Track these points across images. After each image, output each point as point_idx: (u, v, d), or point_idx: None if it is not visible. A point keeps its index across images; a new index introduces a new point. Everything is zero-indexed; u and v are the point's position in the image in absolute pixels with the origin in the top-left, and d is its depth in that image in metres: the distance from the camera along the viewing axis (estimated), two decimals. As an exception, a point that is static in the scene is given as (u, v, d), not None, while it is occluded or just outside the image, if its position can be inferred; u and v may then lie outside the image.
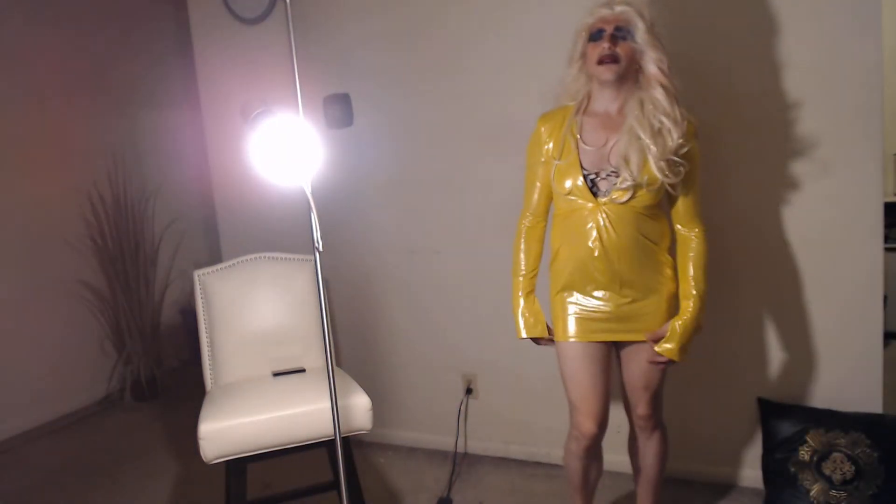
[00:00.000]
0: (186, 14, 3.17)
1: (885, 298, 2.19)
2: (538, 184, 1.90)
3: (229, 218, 3.25)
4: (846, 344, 2.21)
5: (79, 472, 2.98)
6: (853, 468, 2.03)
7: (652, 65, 1.72)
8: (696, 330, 1.82)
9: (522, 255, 1.95)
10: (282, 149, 1.54)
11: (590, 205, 1.76)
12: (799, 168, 2.19)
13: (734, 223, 2.29)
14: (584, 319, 1.83)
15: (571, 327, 1.84)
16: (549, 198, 1.92)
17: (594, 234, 1.76)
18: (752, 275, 2.30)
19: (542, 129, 1.88)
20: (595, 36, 1.74)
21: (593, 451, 1.92)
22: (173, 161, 4.34)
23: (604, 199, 1.75)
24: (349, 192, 2.87)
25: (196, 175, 4.23)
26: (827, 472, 2.06)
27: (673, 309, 1.84)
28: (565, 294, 1.86)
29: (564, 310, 1.86)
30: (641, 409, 1.91)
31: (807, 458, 2.10)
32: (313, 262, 1.62)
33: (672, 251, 1.87)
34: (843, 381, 2.22)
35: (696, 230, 1.84)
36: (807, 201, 2.20)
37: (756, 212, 2.26)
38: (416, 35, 2.68)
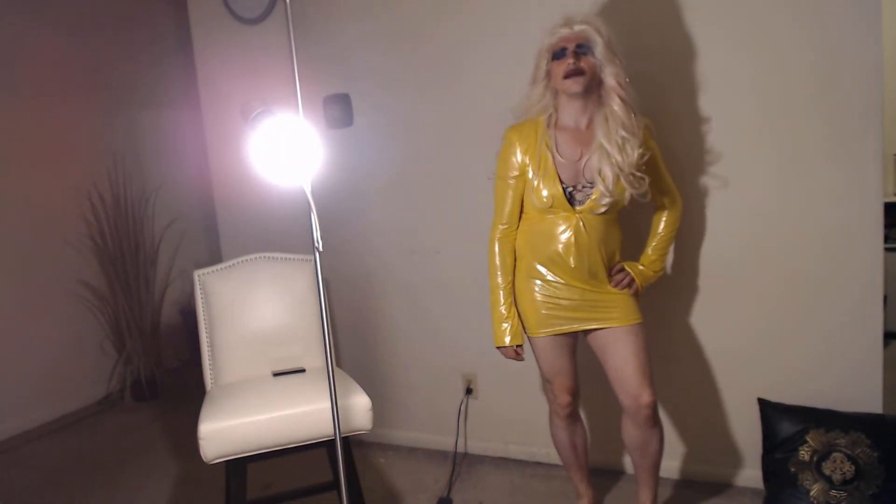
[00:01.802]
0: (186, 14, 3.17)
1: (885, 298, 2.19)
2: (511, 193, 2.01)
3: (229, 218, 3.25)
4: (846, 344, 2.21)
5: (79, 472, 2.98)
6: (853, 468, 2.03)
7: (610, 78, 1.87)
8: (654, 274, 2.11)
9: (499, 265, 2.05)
10: (282, 149, 1.54)
11: (566, 214, 1.93)
12: (798, 168, 2.19)
13: (734, 222, 2.30)
14: (554, 312, 1.99)
15: (542, 324, 2.01)
16: (521, 207, 2.03)
17: (569, 234, 1.93)
18: (751, 274, 2.30)
19: (517, 142, 1.99)
20: (558, 54, 1.88)
21: (573, 417, 2.14)
22: (173, 161, 4.34)
23: (580, 208, 1.93)
24: (349, 192, 2.87)
25: (196, 175, 4.24)
26: (827, 472, 2.06)
27: (634, 301, 2.03)
28: (534, 286, 2.00)
29: (534, 304, 2.00)
30: (646, 396, 1.93)
31: (807, 458, 2.10)
32: (313, 262, 1.62)
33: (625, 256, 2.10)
34: (843, 381, 2.22)
35: (672, 199, 2.11)
36: (807, 201, 2.20)
37: (756, 211, 2.26)
38: (416, 35, 2.68)
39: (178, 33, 4.28)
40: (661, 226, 2.12)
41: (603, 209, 1.92)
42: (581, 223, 1.93)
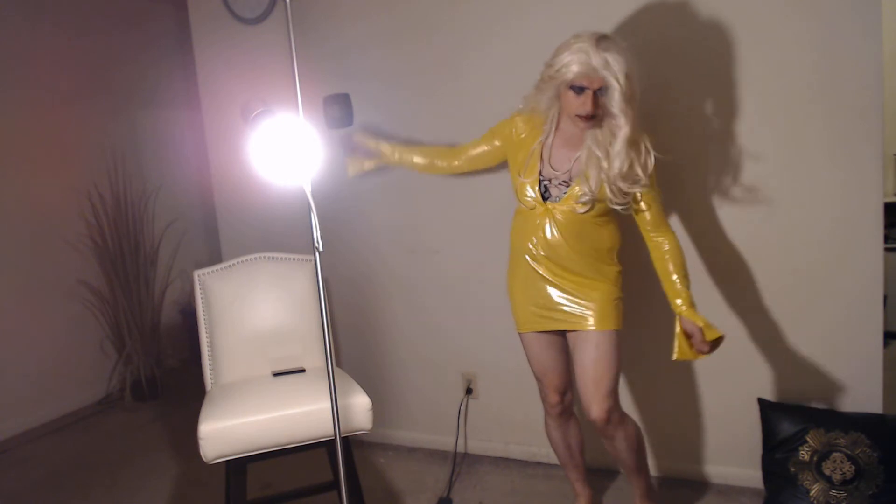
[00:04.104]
0: (186, 14, 3.17)
1: (885, 298, 2.19)
2: (483, 146, 2.17)
3: (229, 218, 3.25)
4: (846, 344, 2.21)
5: (79, 472, 2.98)
6: (853, 468, 2.03)
7: (621, 121, 1.80)
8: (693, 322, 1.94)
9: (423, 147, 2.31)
10: (282, 149, 1.55)
11: (540, 209, 1.95)
12: (798, 168, 2.19)
13: (734, 222, 2.30)
14: (536, 310, 2.02)
15: (526, 320, 2.05)
16: (481, 160, 2.20)
17: (541, 233, 1.95)
18: (752, 274, 2.30)
19: (520, 124, 2.04)
20: (576, 89, 1.81)
21: (566, 415, 2.15)
22: (173, 161, 4.34)
23: (553, 204, 1.93)
24: (349, 192, 2.87)
25: (196, 175, 4.24)
26: (827, 471, 2.06)
27: (613, 308, 1.96)
28: (518, 280, 2.05)
29: (521, 302, 2.06)
30: (594, 410, 1.91)
31: (807, 457, 2.10)
32: (313, 262, 1.62)
33: (622, 258, 2.04)
34: (843, 381, 2.22)
35: (666, 234, 1.97)
36: (807, 201, 2.20)
37: (756, 211, 2.26)
38: (416, 35, 2.68)
39: (178, 33, 4.28)
40: (668, 258, 1.94)
41: (582, 209, 1.90)
42: (554, 220, 1.93)
